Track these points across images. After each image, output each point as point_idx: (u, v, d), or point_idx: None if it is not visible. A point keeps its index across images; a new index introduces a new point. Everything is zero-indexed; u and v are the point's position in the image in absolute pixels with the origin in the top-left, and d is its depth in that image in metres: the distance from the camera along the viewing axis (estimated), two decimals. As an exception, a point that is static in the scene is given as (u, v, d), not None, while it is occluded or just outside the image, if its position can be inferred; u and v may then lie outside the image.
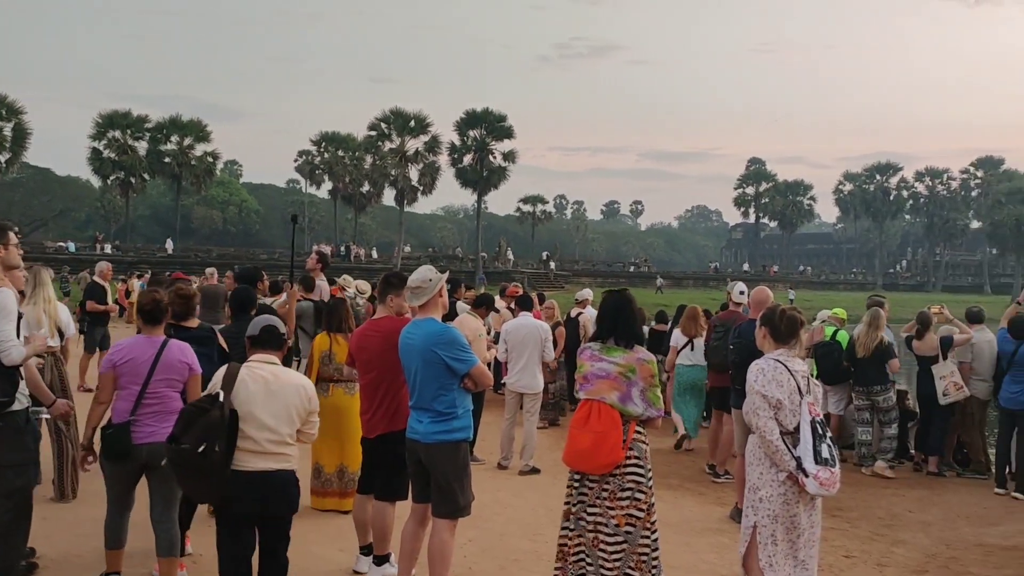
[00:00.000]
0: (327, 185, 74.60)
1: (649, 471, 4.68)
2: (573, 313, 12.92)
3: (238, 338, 5.97)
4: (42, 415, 5.97)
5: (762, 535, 4.69)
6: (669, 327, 12.09)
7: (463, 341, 4.92)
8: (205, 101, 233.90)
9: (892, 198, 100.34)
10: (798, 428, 4.66)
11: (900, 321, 12.87)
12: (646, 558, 4.56)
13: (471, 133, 66.91)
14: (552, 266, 70.44)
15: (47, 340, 5.92)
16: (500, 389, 11.29)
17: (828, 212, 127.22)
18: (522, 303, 9.90)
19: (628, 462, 4.58)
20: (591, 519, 4.62)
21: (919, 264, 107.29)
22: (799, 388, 4.69)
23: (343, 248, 65.88)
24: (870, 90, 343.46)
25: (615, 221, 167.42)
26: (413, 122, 64.76)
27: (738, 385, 7.07)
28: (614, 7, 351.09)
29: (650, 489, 4.65)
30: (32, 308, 6.64)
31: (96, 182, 70.48)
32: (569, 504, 4.73)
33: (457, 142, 67.04)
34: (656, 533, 4.65)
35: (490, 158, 66.83)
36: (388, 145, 65.86)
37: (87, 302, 12.89)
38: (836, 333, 10.18)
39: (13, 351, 4.70)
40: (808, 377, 4.81)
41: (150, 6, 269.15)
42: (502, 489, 8.24)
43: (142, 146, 65.15)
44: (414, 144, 65.35)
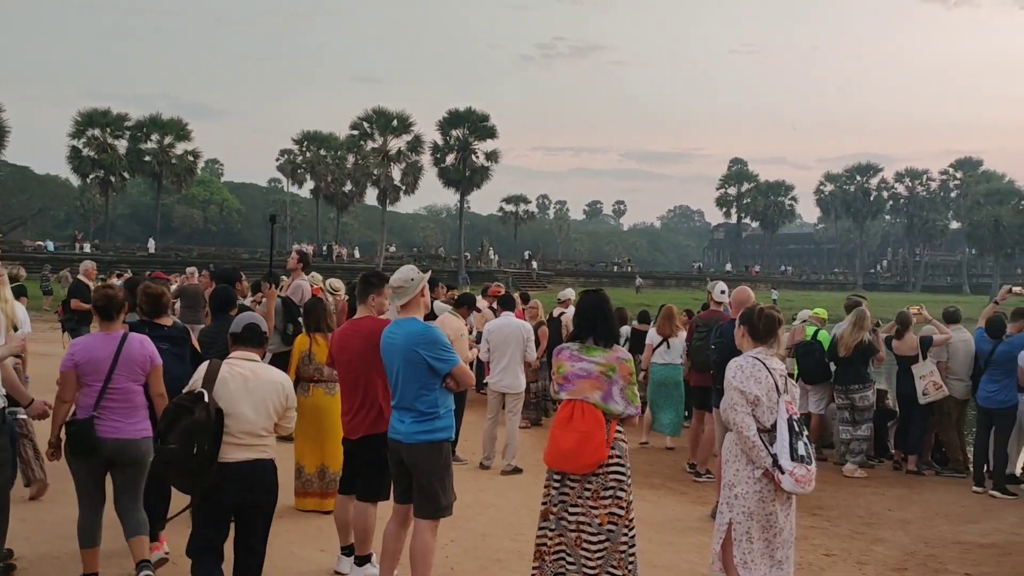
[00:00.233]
0: (309, 184, 74.16)
1: (629, 469, 4.71)
2: (556, 313, 12.92)
3: (217, 337, 5.95)
4: (19, 415, 5.92)
5: (737, 532, 4.72)
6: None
7: (445, 341, 4.91)
8: (186, 99, 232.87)
9: (872, 199, 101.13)
10: (775, 426, 4.69)
11: (881, 322, 12.94)
12: (624, 555, 4.60)
13: (454, 133, 66.79)
14: (534, 265, 70.48)
15: (24, 341, 5.87)
16: (482, 389, 11.29)
17: (809, 212, 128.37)
18: (504, 303, 9.89)
19: (610, 461, 4.60)
20: (573, 519, 4.63)
21: (899, 264, 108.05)
22: (777, 386, 4.73)
23: (325, 248, 65.60)
24: (851, 91, 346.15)
25: (598, 221, 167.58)
26: (396, 121, 64.64)
27: (719, 384, 7.07)
28: (597, 7, 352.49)
29: (630, 487, 4.69)
30: None
31: (75, 181, 69.82)
32: (548, 504, 4.73)
33: (440, 142, 66.92)
34: (634, 530, 4.68)
35: (473, 158, 66.75)
36: (370, 144, 65.70)
37: (72, 300, 12.79)
38: (817, 333, 10.25)
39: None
40: (786, 375, 4.85)
41: (131, 4, 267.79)
42: (484, 489, 8.24)
43: (122, 144, 64.54)
44: (397, 143, 65.27)
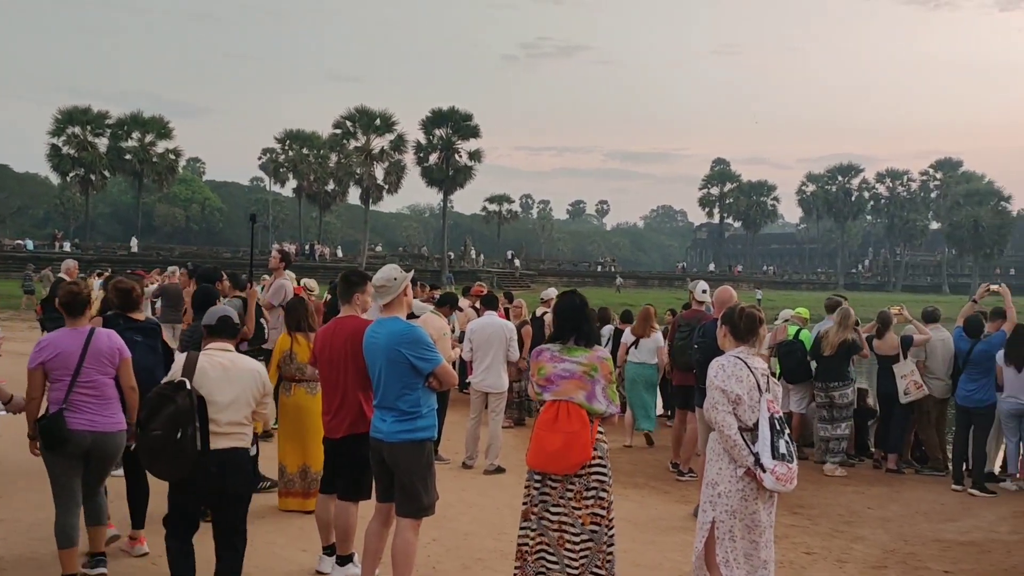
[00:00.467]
0: (292, 183, 73.80)
1: (610, 469, 4.73)
2: (539, 312, 12.94)
3: (198, 335, 5.92)
4: (0, 412, 5.87)
5: (720, 531, 4.73)
6: (634, 327, 12.16)
7: (428, 340, 4.91)
8: (167, 97, 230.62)
9: (854, 199, 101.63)
10: (757, 424, 4.71)
11: (861, 321, 12.99)
12: (606, 555, 4.61)
13: (437, 132, 66.60)
14: (517, 265, 70.46)
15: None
16: (465, 388, 11.28)
17: (791, 213, 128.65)
18: (487, 302, 9.89)
19: (593, 461, 4.62)
20: (555, 518, 4.63)
21: (880, 264, 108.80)
22: (758, 385, 4.74)
23: (308, 247, 65.32)
24: (832, 91, 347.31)
25: (581, 221, 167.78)
26: (379, 121, 64.39)
27: (702, 384, 7.09)
28: (580, 8, 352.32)
29: (611, 487, 4.71)
30: None
31: (55, 179, 69.17)
32: (528, 504, 4.73)
33: (423, 141, 66.68)
34: (613, 530, 4.70)
35: (456, 157, 66.58)
36: (353, 143, 65.43)
37: (56, 299, 12.67)
38: (799, 332, 10.30)
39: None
40: (768, 375, 4.87)
41: (110, 1, 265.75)
42: (467, 488, 8.23)
43: (102, 143, 64.07)
44: (380, 143, 64.99)
